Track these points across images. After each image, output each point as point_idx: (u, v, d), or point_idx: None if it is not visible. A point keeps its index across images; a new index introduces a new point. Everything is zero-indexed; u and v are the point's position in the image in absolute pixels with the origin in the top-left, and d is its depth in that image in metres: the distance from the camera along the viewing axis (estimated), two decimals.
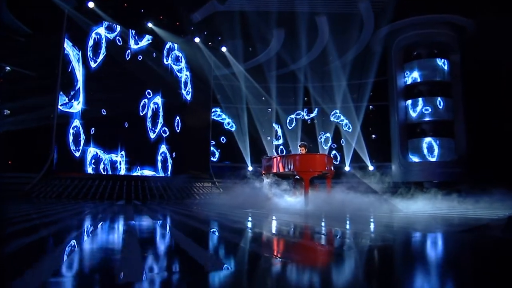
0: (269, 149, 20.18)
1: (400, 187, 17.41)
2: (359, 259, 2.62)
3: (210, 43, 19.16)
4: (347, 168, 21.13)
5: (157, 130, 17.62)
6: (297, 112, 22.66)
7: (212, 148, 21.22)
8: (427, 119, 18.59)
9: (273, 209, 7.69)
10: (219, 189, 17.83)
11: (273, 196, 9.11)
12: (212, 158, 20.82)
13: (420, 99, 18.78)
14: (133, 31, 16.76)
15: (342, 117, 21.91)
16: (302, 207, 8.02)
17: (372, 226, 4.74)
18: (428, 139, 18.57)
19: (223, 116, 21.84)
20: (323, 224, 4.99)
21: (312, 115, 22.73)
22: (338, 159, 21.80)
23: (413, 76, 19.14)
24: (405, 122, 19.27)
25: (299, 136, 21.33)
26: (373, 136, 21.66)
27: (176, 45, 18.33)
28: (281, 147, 21.86)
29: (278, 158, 9.39)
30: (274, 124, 21.95)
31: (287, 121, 23.13)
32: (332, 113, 22.02)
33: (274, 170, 9.39)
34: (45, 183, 13.54)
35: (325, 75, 20.90)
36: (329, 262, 2.58)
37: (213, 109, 21.23)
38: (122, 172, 15.80)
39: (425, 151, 18.52)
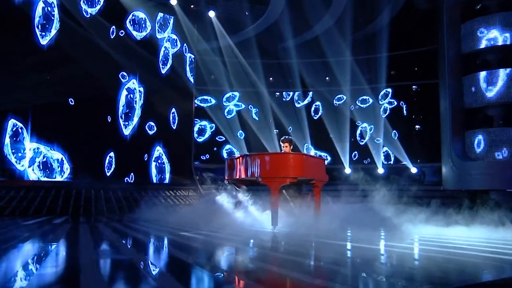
0: (270, 146, 15.60)
1: (454, 197, 12.75)
2: None
3: (192, 6, 14.76)
4: (380, 170, 15.93)
5: (132, 124, 14.01)
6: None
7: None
8: None
9: (221, 229, 5.99)
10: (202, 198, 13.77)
11: (236, 210, 7.33)
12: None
13: (500, 70, 12.83)
14: None
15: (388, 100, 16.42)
16: (270, 226, 6.28)
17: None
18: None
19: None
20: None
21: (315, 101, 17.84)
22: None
23: (487, 38, 13.16)
24: (463, 106, 13.63)
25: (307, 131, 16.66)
26: (417, 126, 16.11)
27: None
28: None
29: (240, 158, 7.24)
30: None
31: (312, 109, 18.37)
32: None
33: (236, 176, 7.28)
34: None
35: (352, 46, 15.82)
36: None
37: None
38: (65, 176, 12.32)
39: (496, 146, 12.86)
